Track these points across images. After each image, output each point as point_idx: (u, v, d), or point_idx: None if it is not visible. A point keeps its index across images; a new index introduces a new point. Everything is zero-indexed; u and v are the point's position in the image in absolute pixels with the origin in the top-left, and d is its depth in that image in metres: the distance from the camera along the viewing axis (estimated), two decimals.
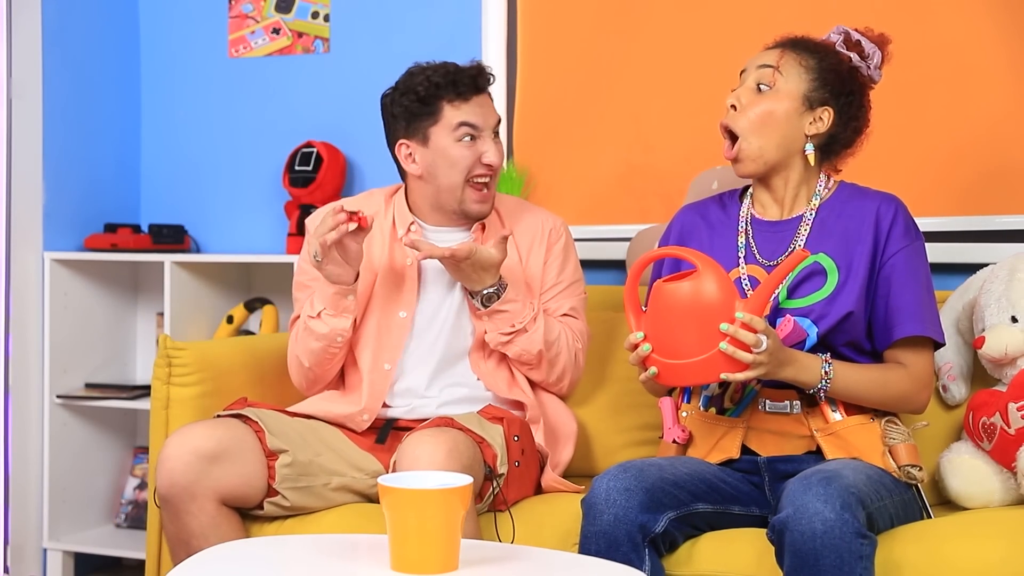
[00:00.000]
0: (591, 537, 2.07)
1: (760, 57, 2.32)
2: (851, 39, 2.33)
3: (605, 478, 2.10)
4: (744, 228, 2.35)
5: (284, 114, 3.57)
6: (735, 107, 2.28)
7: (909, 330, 2.23)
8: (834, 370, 2.19)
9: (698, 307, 2.07)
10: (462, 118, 2.48)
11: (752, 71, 2.30)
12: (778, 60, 2.28)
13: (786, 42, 2.34)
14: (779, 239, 2.31)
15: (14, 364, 3.35)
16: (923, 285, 2.26)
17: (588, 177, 3.23)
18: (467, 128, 2.49)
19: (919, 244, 2.29)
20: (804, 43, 2.33)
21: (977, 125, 2.86)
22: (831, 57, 2.30)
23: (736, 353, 2.06)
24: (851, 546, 1.91)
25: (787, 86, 2.27)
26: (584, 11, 3.22)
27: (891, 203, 2.29)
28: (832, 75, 2.28)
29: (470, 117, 2.49)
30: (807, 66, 2.28)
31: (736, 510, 2.22)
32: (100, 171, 3.63)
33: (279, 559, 1.88)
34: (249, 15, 3.60)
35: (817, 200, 2.31)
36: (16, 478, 3.35)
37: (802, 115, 2.28)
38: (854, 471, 2.05)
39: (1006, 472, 2.36)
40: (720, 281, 2.09)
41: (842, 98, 2.29)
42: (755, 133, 2.27)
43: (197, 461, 2.26)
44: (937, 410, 2.56)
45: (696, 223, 2.41)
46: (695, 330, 2.07)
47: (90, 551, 3.46)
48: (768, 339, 2.08)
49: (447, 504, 1.70)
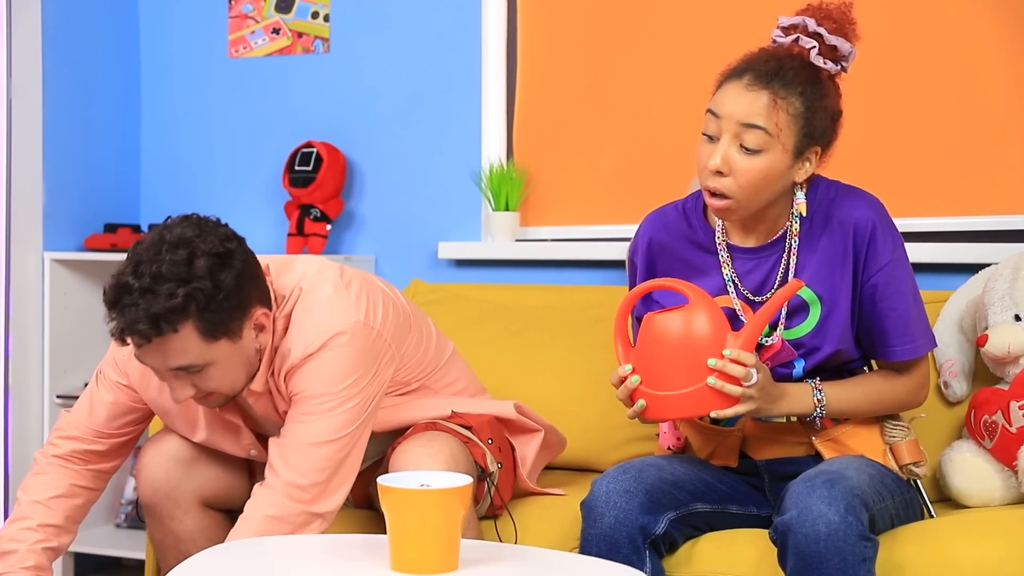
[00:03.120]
0: (591, 540, 2.07)
1: (743, 107, 2.06)
2: (826, 44, 2.10)
3: (604, 480, 2.09)
4: (724, 258, 2.21)
5: (284, 114, 3.56)
6: (722, 172, 2.07)
7: (901, 354, 2.18)
8: (826, 396, 2.15)
9: (689, 339, 2.03)
10: (128, 367, 2.24)
11: (733, 124, 2.06)
12: (773, 121, 2.05)
13: (768, 77, 2.07)
14: (762, 268, 2.19)
15: (14, 364, 3.35)
16: (909, 298, 2.17)
17: (588, 177, 3.22)
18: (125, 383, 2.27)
19: (900, 253, 2.17)
20: (788, 78, 2.07)
21: (977, 125, 2.86)
22: (818, 90, 2.09)
23: (724, 387, 2.00)
24: (855, 549, 1.91)
25: (778, 144, 2.06)
26: (584, 11, 3.22)
27: (867, 215, 2.14)
28: (820, 114, 2.09)
29: (144, 357, 2.08)
30: (795, 114, 2.07)
31: (734, 509, 2.21)
32: (100, 171, 3.63)
33: (279, 559, 1.88)
34: (249, 15, 3.59)
35: (796, 222, 2.17)
36: (16, 478, 3.35)
37: (791, 167, 2.10)
38: (857, 471, 2.05)
39: (1007, 470, 2.36)
40: (712, 313, 2.05)
41: (827, 130, 2.12)
42: (748, 197, 2.09)
43: (176, 467, 2.24)
44: (939, 408, 2.56)
45: (667, 240, 2.26)
46: (685, 362, 2.03)
47: (90, 551, 3.45)
48: (759, 373, 2.03)
49: (447, 504, 1.70)
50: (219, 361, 2.08)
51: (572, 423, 2.70)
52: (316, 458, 2.09)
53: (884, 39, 2.92)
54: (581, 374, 2.78)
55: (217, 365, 2.08)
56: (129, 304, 1.99)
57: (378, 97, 3.45)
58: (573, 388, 2.78)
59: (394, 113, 3.43)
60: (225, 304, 2.04)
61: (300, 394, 2.13)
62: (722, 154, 2.07)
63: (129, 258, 2.05)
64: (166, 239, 2.04)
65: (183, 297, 1.99)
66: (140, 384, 2.26)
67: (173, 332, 2.01)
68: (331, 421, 2.11)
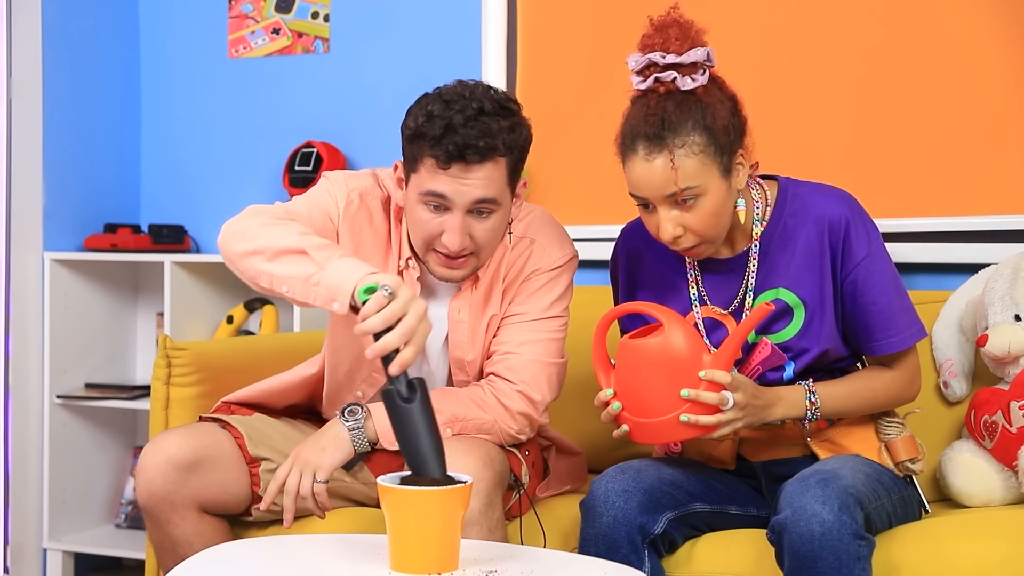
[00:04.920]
0: (590, 539, 2.07)
1: (656, 182, 2.03)
2: (683, 66, 2.04)
3: (603, 480, 2.10)
4: (693, 274, 2.22)
5: (284, 114, 3.56)
6: (679, 237, 2.07)
7: (887, 347, 2.18)
8: (819, 396, 2.15)
9: (665, 365, 2.03)
10: (431, 185, 2.13)
11: (658, 197, 2.04)
12: (685, 177, 2.01)
13: (659, 138, 2.03)
14: (728, 280, 2.20)
15: (14, 364, 3.35)
16: (891, 290, 2.16)
17: (588, 177, 3.22)
18: (432, 197, 2.14)
19: (876, 246, 2.16)
20: (674, 123, 2.02)
21: (977, 125, 2.86)
22: (705, 112, 2.04)
23: (699, 420, 2.01)
24: (849, 548, 1.91)
25: (708, 182, 2.04)
26: (584, 11, 3.22)
27: (839, 210, 2.14)
28: (720, 132, 2.05)
29: (440, 186, 2.12)
30: (701, 150, 2.02)
31: (733, 510, 2.22)
32: (100, 171, 3.63)
33: (278, 560, 1.88)
34: (249, 15, 3.60)
35: (759, 227, 2.17)
36: (16, 478, 3.35)
37: (730, 185, 2.08)
38: (852, 470, 2.05)
39: (1007, 471, 2.36)
40: (687, 336, 2.04)
41: (733, 133, 2.08)
42: (712, 233, 2.08)
43: (174, 471, 2.22)
44: (938, 408, 2.56)
45: (642, 252, 2.28)
46: (664, 388, 2.02)
47: (90, 551, 3.46)
48: (738, 393, 2.03)
49: (447, 504, 1.70)
50: (504, 212, 2.18)
51: (571, 423, 2.71)
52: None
53: (883, 39, 2.92)
54: (580, 374, 2.77)
55: (501, 215, 2.17)
56: (471, 121, 2.09)
57: (378, 97, 3.45)
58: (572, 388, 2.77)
59: (394, 113, 3.37)
60: (520, 160, 2.19)
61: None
62: (667, 221, 2.06)
63: (435, 98, 2.14)
64: (466, 89, 2.16)
65: (518, 131, 2.15)
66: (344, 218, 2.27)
67: (502, 157, 2.12)
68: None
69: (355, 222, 2.28)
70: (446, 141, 2.09)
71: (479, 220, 2.16)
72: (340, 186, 2.30)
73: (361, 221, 2.29)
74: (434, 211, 2.15)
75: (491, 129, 2.10)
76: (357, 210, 2.29)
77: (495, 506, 2.14)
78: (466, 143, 2.08)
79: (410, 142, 2.16)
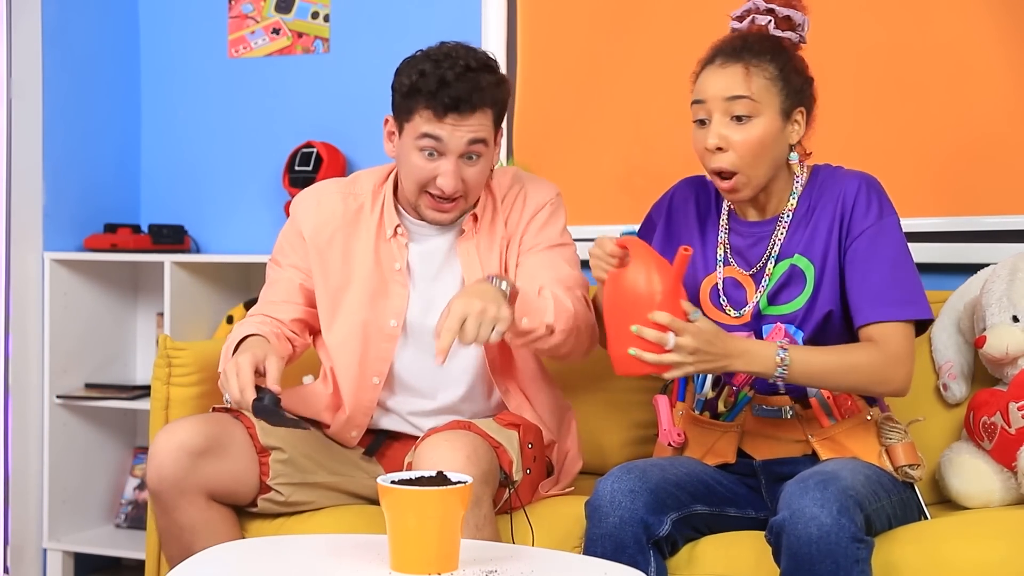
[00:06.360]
0: (596, 540, 2.06)
1: (722, 84, 2.17)
2: (779, 16, 2.23)
3: (609, 480, 2.09)
4: (724, 230, 2.30)
5: (284, 114, 3.57)
6: (721, 148, 2.16)
7: (871, 316, 2.15)
8: (791, 356, 2.09)
9: (623, 299, 2.07)
10: (427, 129, 2.29)
11: (719, 102, 2.16)
12: (749, 87, 2.15)
13: (737, 52, 2.19)
14: (755, 241, 2.26)
15: (14, 364, 3.35)
16: (891, 263, 2.16)
17: (588, 177, 3.22)
18: (429, 141, 2.30)
19: (888, 221, 2.19)
20: (755, 49, 2.19)
21: (977, 125, 2.86)
22: (784, 55, 2.20)
23: (642, 355, 2.03)
24: (847, 551, 1.90)
25: (766, 108, 2.16)
26: (584, 11, 3.22)
27: (855, 182, 2.21)
28: (794, 75, 2.20)
29: (436, 131, 2.29)
30: (771, 77, 2.17)
31: (732, 512, 2.22)
32: (100, 171, 3.63)
33: (279, 559, 1.88)
34: (249, 15, 3.60)
35: (795, 199, 2.24)
36: (16, 478, 3.35)
37: (783, 129, 2.20)
38: (852, 472, 2.04)
39: (1006, 472, 2.37)
40: (647, 275, 2.05)
41: (804, 91, 2.22)
42: (751, 166, 2.17)
43: (185, 457, 2.24)
44: (938, 409, 2.56)
45: (687, 203, 2.37)
46: (620, 321, 2.08)
47: (90, 551, 3.46)
48: (685, 337, 2.02)
49: (447, 504, 1.70)
50: (488, 158, 2.38)
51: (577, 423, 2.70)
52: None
53: (883, 38, 2.92)
54: (582, 374, 2.78)
55: (487, 160, 2.37)
56: (461, 75, 2.28)
57: (378, 97, 3.42)
58: (574, 388, 2.78)
59: None
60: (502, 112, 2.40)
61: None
62: (716, 132, 2.17)
63: (424, 58, 2.32)
64: (451, 49, 2.34)
65: (502, 87, 2.36)
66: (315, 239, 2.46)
67: (489, 108, 2.33)
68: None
69: (351, 226, 2.46)
70: (441, 95, 2.27)
71: (469, 164, 2.34)
72: (304, 219, 2.49)
73: (354, 220, 2.47)
74: (428, 157, 2.33)
75: (480, 84, 2.30)
76: (347, 217, 2.48)
77: (482, 503, 2.15)
78: (459, 96, 2.28)
79: (405, 98, 2.33)
